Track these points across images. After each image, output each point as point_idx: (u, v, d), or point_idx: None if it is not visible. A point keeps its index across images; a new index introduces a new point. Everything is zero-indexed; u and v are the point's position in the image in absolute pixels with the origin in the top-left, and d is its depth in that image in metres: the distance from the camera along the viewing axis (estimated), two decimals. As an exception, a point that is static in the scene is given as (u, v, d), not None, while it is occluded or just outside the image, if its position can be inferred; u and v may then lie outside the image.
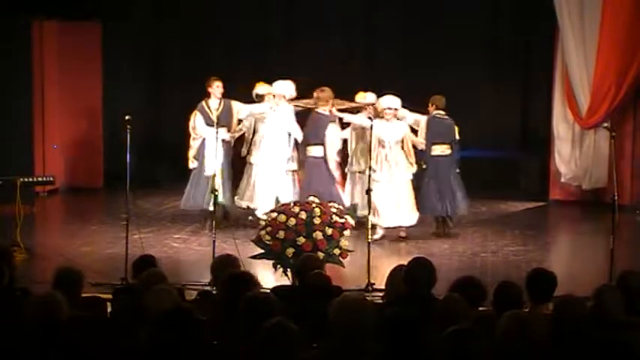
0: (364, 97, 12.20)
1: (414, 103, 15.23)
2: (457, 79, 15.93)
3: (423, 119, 11.88)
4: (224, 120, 11.86)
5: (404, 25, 16.34)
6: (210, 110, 11.99)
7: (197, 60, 16.24)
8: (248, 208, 12.08)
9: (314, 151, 11.69)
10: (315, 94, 11.78)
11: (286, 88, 12.07)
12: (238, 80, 13.81)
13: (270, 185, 11.80)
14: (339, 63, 15.82)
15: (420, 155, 11.78)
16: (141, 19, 16.01)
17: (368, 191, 9.93)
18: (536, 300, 6.03)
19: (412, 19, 16.27)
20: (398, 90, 16.37)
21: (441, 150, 11.73)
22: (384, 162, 11.46)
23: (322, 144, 11.71)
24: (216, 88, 12.03)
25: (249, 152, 12.25)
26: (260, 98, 12.27)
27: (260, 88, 12.30)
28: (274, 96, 12.01)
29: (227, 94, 12.19)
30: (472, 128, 14.19)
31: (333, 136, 11.92)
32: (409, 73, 16.20)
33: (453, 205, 11.66)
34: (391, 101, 11.66)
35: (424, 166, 11.74)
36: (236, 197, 12.14)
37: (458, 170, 11.85)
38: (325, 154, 11.68)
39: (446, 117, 11.83)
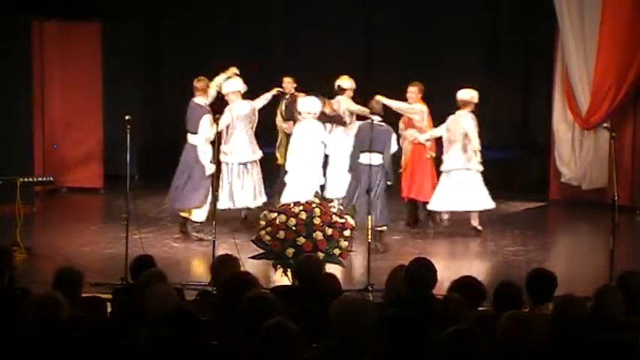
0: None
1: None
2: (457, 79, 15.92)
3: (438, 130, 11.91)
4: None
5: (404, 25, 16.35)
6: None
7: (197, 60, 16.24)
8: None
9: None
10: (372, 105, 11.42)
11: (312, 105, 11.70)
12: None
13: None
14: (339, 63, 15.81)
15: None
16: (141, 19, 16.01)
17: (368, 191, 9.94)
18: (536, 300, 6.02)
19: (412, 19, 16.29)
20: (398, 90, 16.41)
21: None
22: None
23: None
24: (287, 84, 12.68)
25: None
26: (342, 91, 12.44)
27: (343, 81, 12.46)
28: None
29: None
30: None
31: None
32: (409, 73, 16.20)
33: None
34: None
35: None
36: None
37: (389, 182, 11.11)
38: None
39: (382, 124, 11.02)
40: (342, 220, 9.44)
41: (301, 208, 9.38)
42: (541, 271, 6.32)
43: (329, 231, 9.30)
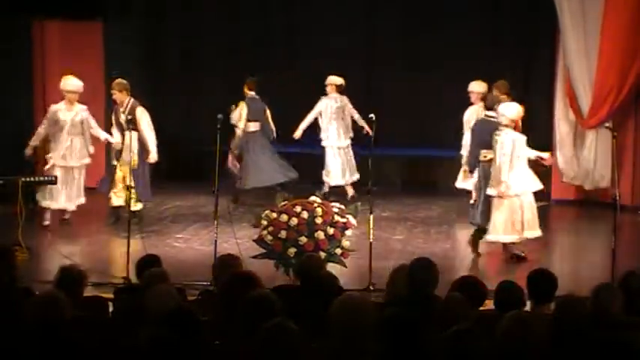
0: None
1: (414, 101, 15.27)
2: (457, 79, 15.92)
3: None
4: None
5: (404, 25, 16.34)
6: None
7: (197, 60, 16.25)
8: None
9: None
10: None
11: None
12: (238, 80, 13.84)
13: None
14: (339, 63, 15.80)
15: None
16: (142, 18, 16.00)
17: (369, 191, 9.94)
18: (537, 300, 6.03)
19: (412, 19, 16.28)
20: (398, 90, 16.44)
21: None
22: None
23: None
24: None
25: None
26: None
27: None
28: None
29: (226, 94, 12.26)
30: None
31: None
32: (409, 73, 16.21)
33: None
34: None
35: None
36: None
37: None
38: None
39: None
40: (344, 220, 9.44)
41: (303, 207, 9.39)
42: (543, 272, 6.33)
43: (331, 230, 9.31)
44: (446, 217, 13.15)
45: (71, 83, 12.16)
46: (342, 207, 9.75)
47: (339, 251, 9.38)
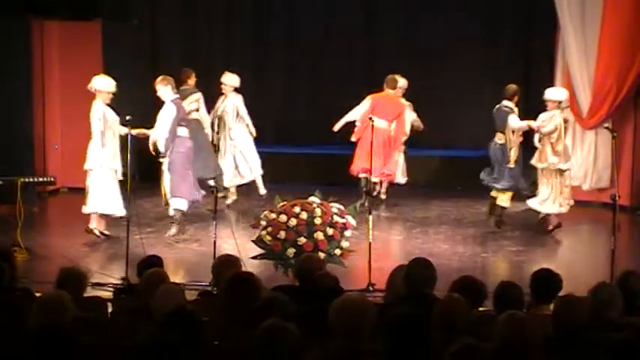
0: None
1: (414, 102, 15.25)
2: (457, 79, 15.94)
3: None
4: None
5: (404, 25, 16.35)
6: None
7: (197, 60, 16.24)
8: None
9: None
10: None
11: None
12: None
13: None
14: (339, 63, 15.83)
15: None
16: (141, 19, 16.00)
17: (369, 192, 9.94)
18: (539, 300, 6.03)
19: (412, 19, 16.29)
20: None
21: None
22: None
23: None
24: None
25: None
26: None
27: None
28: None
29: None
30: (472, 128, 14.21)
31: None
32: (409, 73, 16.21)
33: None
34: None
35: None
36: None
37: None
38: None
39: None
40: (343, 221, 9.44)
41: (302, 208, 9.39)
42: (547, 271, 6.33)
43: (330, 231, 9.31)
44: (445, 218, 13.16)
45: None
46: (342, 208, 9.75)
47: (338, 252, 9.38)
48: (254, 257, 9.40)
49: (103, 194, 11.33)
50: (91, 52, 14.80)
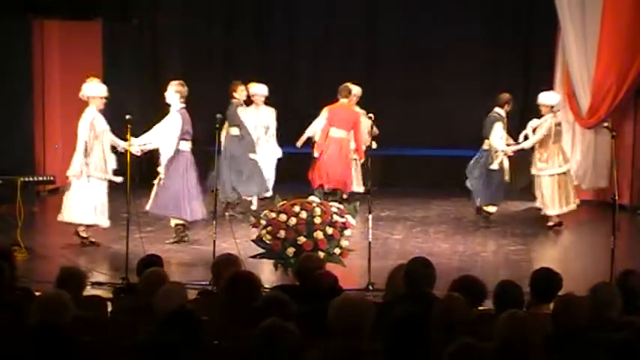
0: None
1: (414, 102, 15.29)
2: (457, 79, 15.95)
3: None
4: None
5: (404, 26, 16.36)
6: None
7: (197, 60, 16.25)
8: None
9: None
10: None
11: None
12: (237, 79, 13.83)
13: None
14: (339, 63, 15.83)
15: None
16: (141, 18, 16.01)
17: (368, 192, 9.94)
18: (539, 299, 6.03)
19: (413, 20, 16.30)
20: (398, 90, 16.46)
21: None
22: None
23: None
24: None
25: None
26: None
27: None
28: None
29: (226, 93, 12.26)
30: (472, 128, 14.17)
31: None
32: (409, 73, 16.22)
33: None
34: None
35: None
36: None
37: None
38: None
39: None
40: (343, 220, 9.44)
41: (302, 207, 9.39)
42: (547, 271, 6.33)
43: (329, 230, 9.31)
44: (445, 217, 13.17)
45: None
46: (341, 207, 9.75)
47: (338, 251, 9.38)
48: (254, 256, 9.41)
49: (81, 204, 10.94)
50: (91, 52, 14.81)
